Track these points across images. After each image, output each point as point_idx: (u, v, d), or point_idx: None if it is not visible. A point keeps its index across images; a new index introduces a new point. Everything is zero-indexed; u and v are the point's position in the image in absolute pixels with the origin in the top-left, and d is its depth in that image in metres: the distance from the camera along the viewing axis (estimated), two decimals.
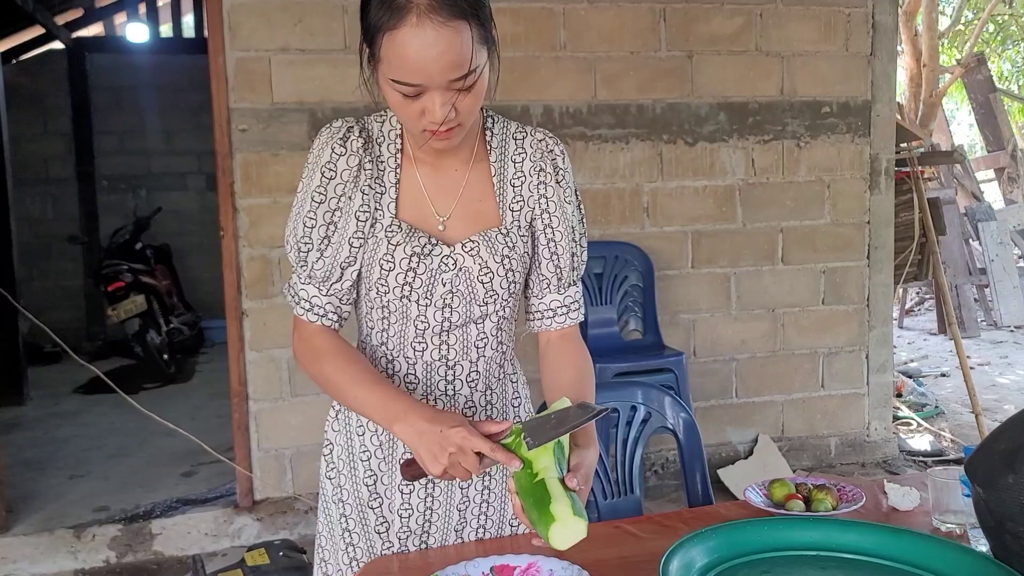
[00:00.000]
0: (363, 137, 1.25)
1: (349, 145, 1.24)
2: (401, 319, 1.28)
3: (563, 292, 1.35)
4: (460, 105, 1.13)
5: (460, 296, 1.27)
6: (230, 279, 3.39)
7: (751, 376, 3.98)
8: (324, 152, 1.24)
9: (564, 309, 1.35)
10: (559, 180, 1.32)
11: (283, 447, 3.49)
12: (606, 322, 3.66)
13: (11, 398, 5.30)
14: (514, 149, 1.31)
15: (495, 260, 1.26)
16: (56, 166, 7.57)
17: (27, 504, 3.60)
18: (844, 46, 3.93)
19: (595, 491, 1.84)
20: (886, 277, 4.10)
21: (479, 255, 1.26)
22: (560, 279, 1.34)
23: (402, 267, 1.23)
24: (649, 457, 3.86)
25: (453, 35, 1.07)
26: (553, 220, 1.32)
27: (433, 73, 1.09)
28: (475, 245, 1.26)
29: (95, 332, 7.47)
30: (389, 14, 1.08)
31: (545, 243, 1.32)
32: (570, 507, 1.07)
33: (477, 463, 1.11)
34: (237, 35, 3.33)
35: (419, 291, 1.25)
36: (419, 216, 1.26)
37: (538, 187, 1.31)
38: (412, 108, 1.14)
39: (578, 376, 1.32)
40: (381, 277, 1.25)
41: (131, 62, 7.67)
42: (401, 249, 1.23)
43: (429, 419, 1.14)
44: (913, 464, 4.11)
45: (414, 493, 1.33)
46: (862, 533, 1.22)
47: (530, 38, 3.60)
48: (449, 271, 1.26)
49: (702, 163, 3.84)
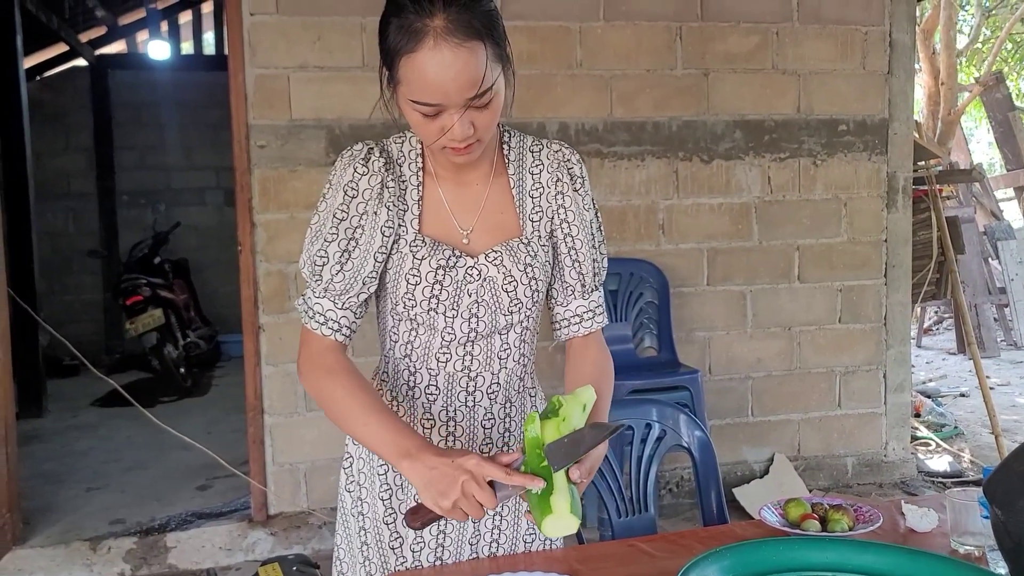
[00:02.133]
0: (383, 158, 1.28)
1: (371, 165, 1.26)
2: (428, 330, 1.29)
3: (588, 297, 1.38)
4: (478, 122, 1.16)
5: (486, 306, 1.29)
6: (247, 294, 3.42)
7: (767, 394, 3.96)
8: (347, 172, 1.26)
9: (590, 314, 1.39)
10: (576, 188, 1.34)
11: (298, 462, 3.50)
12: (621, 339, 3.64)
13: (30, 410, 5.35)
14: (532, 162, 1.34)
15: (518, 268, 1.29)
16: (77, 181, 7.67)
17: (44, 516, 3.62)
18: (861, 64, 3.92)
19: (608, 509, 1.83)
20: (904, 296, 4.07)
21: (503, 264, 1.28)
22: (584, 285, 1.37)
23: (428, 280, 1.25)
24: (664, 475, 3.84)
25: (469, 56, 1.10)
26: (573, 228, 1.34)
27: (451, 93, 1.12)
28: (498, 255, 1.28)
29: (113, 345, 7.54)
30: (407, 38, 1.11)
31: (566, 251, 1.35)
32: (568, 503, 1.11)
33: (491, 496, 1.11)
34: (257, 52, 3.37)
35: (446, 303, 1.27)
36: (442, 230, 1.29)
37: (556, 197, 1.33)
38: (432, 127, 1.17)
39: (597, 373, 1.35)
40: (408, 291, 1.26)
41: (152, 79, 7.79)
42: (427, 263, 1.25)
43: (439, 454, 1.15)
44: (931, 485, 4.06)
45: None
46: (879, 554, 1.21)
47: (547, 56, 3.62)
48: (474, 281, 1.28)
49: (718, 180, 3.84)
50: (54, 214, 7.47)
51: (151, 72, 7.82)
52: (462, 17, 1.10)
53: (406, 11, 1.11)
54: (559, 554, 1.40)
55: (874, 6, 3.91)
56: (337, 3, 3.39)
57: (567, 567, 1.29)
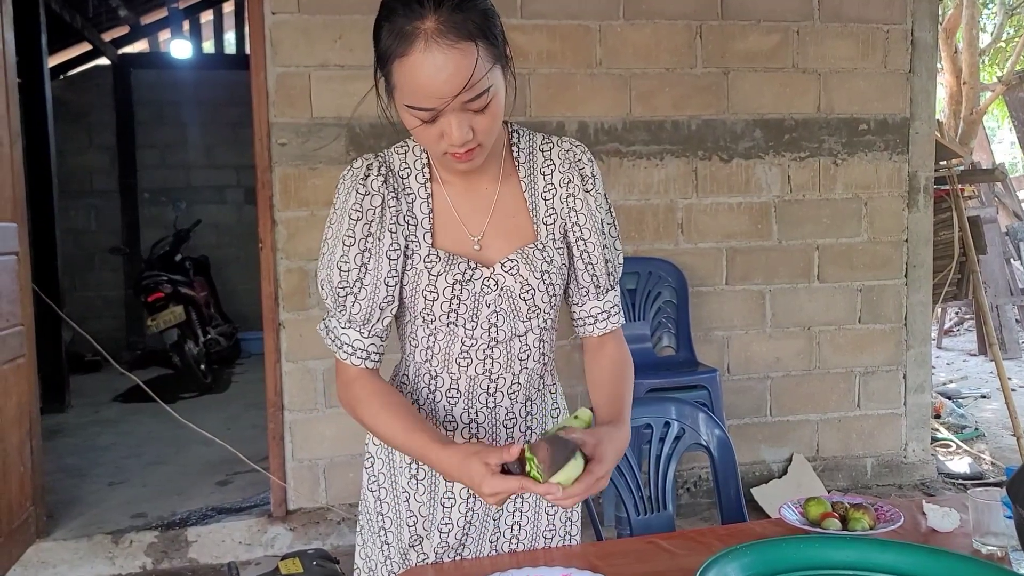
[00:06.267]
0: (382, 174, 1.26)
1: (370, 185, 1.25)
2: (447, 337, 1.29)
3: (602, 299, 1.37)
4: (477, 126, 1.14)
5: (504, 315, 1.29)
6: (267, 291, 3.45)
7: (786, 394, 3.94)
8: (350, 197, 1.25)
9: (605, 315, 1.37)
10: (587, 189, 1.32)
11: (317, 458, 3.52)
12: (639, 338, 3.64)
13: (53, 405, 5.41)
14: (542, 162, 1.32)
15: (535, 276, 1.27)
16: (100, 179, 7.75)
17: (67, 510, 3.67)
18: (883, 63, 3.90)
19: (627, 506, 1.83)
20: (924, 296, 4.04)
21: (519, 273, 1.27)
22: (598, 286, 1.36)
23: (445, 296, 1.25)
24: (681, 475, 3.83)
25: (461, 57, 1.08)
26: (584, 232, 1.32)
27: (445, 95, 1.10)
28: (514, 264, 1.27)
29: (135, 342, 7.61)
30: (398, 41, 1.09)
31: (579, 254, 1.33)
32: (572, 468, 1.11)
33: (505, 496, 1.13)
34: (278, 51, 3.40)
35: (464, 316, 1.27)
36: (454, 240, 1.27)
37: (567, 199, 1.32)
38: (431, 132, 1.15)
39: (614, 370, 1.37)
40: (426, 307, 1.26)
41: (174, 78, 7.86)
42: (443, 279, 1.24)
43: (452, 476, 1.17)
44: (952, 487, 4.02)
45: (455, 507, 1.34)
46: (900, 553, 1.20)
47: (566, 55, 3.63)
48: (491, 292, 1.27)
49: (737, 180, 3.82)
50: (77, 211, 7.55)
51: (173, 71, 7.89)
52: (454, 18, 1.07)
53: (396, 15, 1.09)
54: (579, 550, 1.41)
55: (896, 4, 3.88)
56: (358, 2, 3.40)
57: (587, 563, 1.30)
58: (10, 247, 3.25)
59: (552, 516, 1.41)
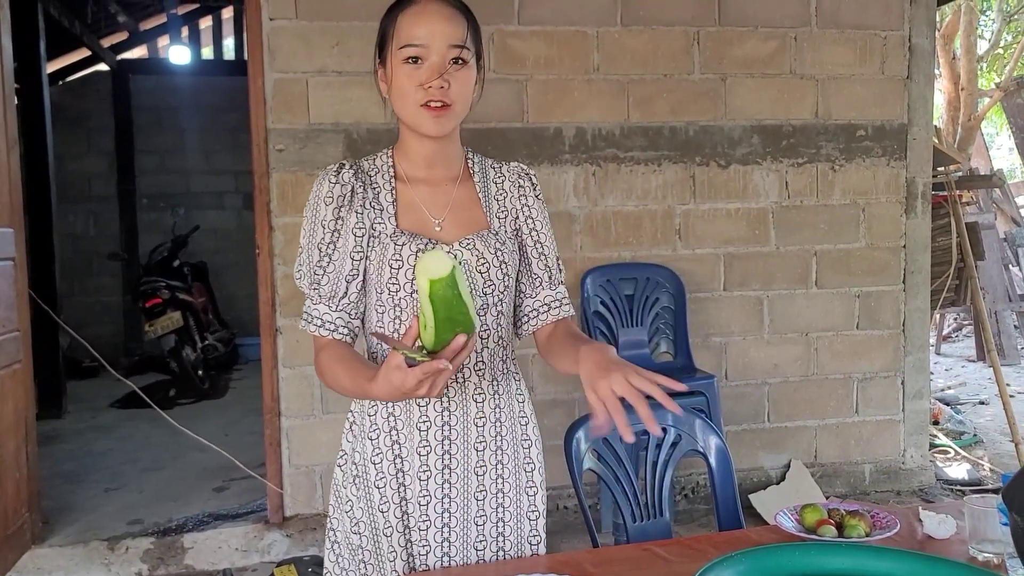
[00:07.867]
0: (353, 169, 1.39)
1: (341, 176, 1.38)
2: (412, 316, 1.35)
3: (555, 288, 1.48)
4: (453, 83, 1.30)
5: None
6: (265, 296, 3.44)
7: (784, 400, 3.94)
8: (323, 186, 1.38)
9: (557, 303, 1.48)
10: (537, 196, 1.48)
11: (314, 464, 3.51)
12: (637, 344, 3.64)
13: (50, 411, 5.40)
14: (493, 175, 1.47)
15: (490, 252, 1.38)
16: (99, 184, 7.75)
17: (63, 516, 3.66)
18: (880, 69, 3.90)
19: (624, 513, 1.83)
20: (922, 302, 4.04)
21: (475, 248, 1.38)
22: (551, 277, 1.48)
23: (410, 263, 1.34)
24: (679, 481, 3.82)
25: (455, 14, 1.31)
26: (537, 224, 1.47)
27: (436, 33, 1.28)
28: (471, 241, 1.38)
29: (132, 347, 7.60)
30: (403, 5, 1.32)
31: (532, 244, 1.46)
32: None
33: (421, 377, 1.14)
34: (276, 57, 3.40)
35: None
36: (417, 222, 1.39)
37: (519, 198, 1.46)
38: (414, 79, 1.29)
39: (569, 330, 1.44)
40: (392, 276, 1.35)
41: (173, 83, 7.86)
42: (407, 247, 1.34)
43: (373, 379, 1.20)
44: (950, 493, 4.02)
45: (430, 431, 1.38)
46: (896, 560, 1.20)
47: (564, 60, 3.63)
48: None
49: (735, 185, 3.83)
50: (75, 216, 7.55)
51: (172, 77, 7.89)
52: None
53: None
54: (566, 558, 1.41)
55: (893, 10, 3.89)
56: (356, 8, 3.41)
57: (579, 571, 1.29)
58: (7, 252, 3.25)
59: (535, 522, 1.45)
